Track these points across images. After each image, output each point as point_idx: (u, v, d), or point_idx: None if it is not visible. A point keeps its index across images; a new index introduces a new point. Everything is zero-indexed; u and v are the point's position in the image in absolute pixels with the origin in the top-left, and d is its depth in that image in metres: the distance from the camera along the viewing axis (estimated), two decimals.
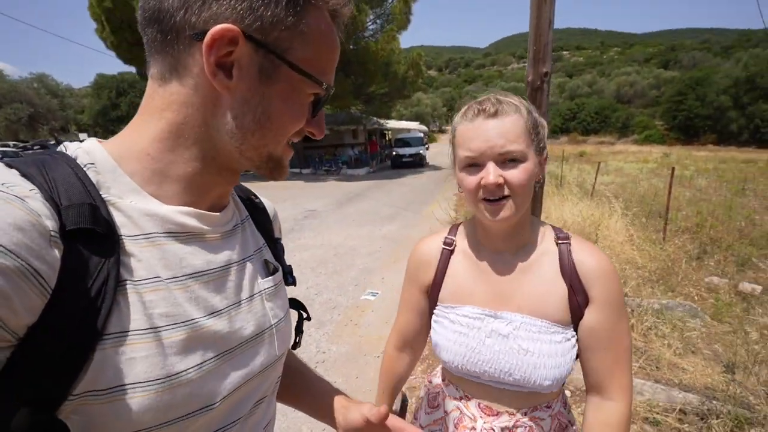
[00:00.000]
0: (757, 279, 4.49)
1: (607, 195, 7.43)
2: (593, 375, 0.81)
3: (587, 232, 5.51)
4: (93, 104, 38.95)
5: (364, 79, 16.72)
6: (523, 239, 0.86)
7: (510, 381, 0.81)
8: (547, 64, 3.04)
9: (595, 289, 0.79)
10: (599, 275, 0.79)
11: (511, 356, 0.80)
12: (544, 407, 0.86)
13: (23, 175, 0.39)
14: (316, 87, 0.48)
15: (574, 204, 7.09)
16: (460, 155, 0.79)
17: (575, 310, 0.79)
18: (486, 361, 0.82)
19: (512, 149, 0.74)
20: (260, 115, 0.47)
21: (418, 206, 9.64)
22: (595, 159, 18.05)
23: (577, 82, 67.78)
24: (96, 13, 13.68)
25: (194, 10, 0.42)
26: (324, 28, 0.48)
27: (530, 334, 0.80)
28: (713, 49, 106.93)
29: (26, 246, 0.33)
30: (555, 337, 0.79)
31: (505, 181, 0.74)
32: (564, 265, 0.81)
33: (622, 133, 49.43)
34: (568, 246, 0.83)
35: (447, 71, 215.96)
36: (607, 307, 0.79)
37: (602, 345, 0.79)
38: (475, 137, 0.76)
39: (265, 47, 0.44)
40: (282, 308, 0.62)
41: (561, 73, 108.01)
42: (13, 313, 0.33)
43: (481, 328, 0.83)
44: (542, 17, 2.96)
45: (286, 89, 0.47)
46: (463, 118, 0.80)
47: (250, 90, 0.45)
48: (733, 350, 2.98)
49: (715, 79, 43.41)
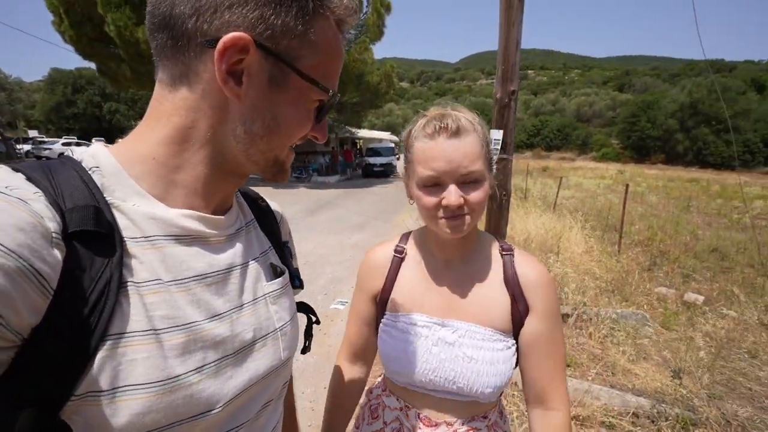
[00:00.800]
0: (700, 290, 4.86)
1: (569, 209, 7.81)
2: (535, 385, 0.84)
3: (550, 243, 5.76)
4: (46, 100, 36.59)
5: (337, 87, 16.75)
6: (471, 248, 0.89)
7: (453, 389, 0.82)
8: (515, 83, 3.19)
9: (535, 299, 0.83)
10: (539, 285, 0.83)
11: (456, 364, 0.81)
12: (481, 417, 0.87)
13: (28, 179, 0.39)
14: (322, 94, 0.50)
15: (537, 216, 7.40)
16: (421, 173, 0.77)
17: (516, 319, 0.83)
18: (432, 370, 0.82)
19: (473, 170, 0.75)
20: (269, 121, 0.48)
21: (389, 215, 9.70)
22: (557, 174, 18.92)
23: (541, 101, 71.17)
24: (53, 4, 12.90)
25: (206, 18, 0.42)
26: (330, 36, 0.49)
27: (475, 341, 0.82)
28: (662, 76, 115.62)
29: (28, 247, 0.33)
30: (497, 344, 0.82)
31: (465, 201, 0.76)
32: (507, 276, 0.84)
33: (581, 150, 52.25)
34: (511, 258, 0.87)
35: (418, 83, 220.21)
36: (546, 317, 0.83)
37: (542, 353, 0.83)
38: (438, 157, 0.75)
39: (275, 55, 0.45)
40: (288, 312, 0.61)
41: (526, 90, 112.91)
42: (16, 314, 0.33)
43: (428, 337, 0.84)
44: (510, 39, 3.12)
45: (294, 96, 0.48)
46: (421, 133, 0.78)
47: (259, 97, 0.46)
48: (679, 356, 3.20)
49: (663, 103, 47.00)
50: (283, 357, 0.58)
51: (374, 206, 11.18)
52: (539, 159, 43.68)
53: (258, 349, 0.54)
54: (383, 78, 18.23)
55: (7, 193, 0.35)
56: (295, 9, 0.44)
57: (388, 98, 21.22)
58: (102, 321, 0.38)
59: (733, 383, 2.98)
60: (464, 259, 0.89)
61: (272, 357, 0.56)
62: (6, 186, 0.36)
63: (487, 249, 0.90)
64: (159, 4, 0.44)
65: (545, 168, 26.83)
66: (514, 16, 3.09)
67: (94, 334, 0.38)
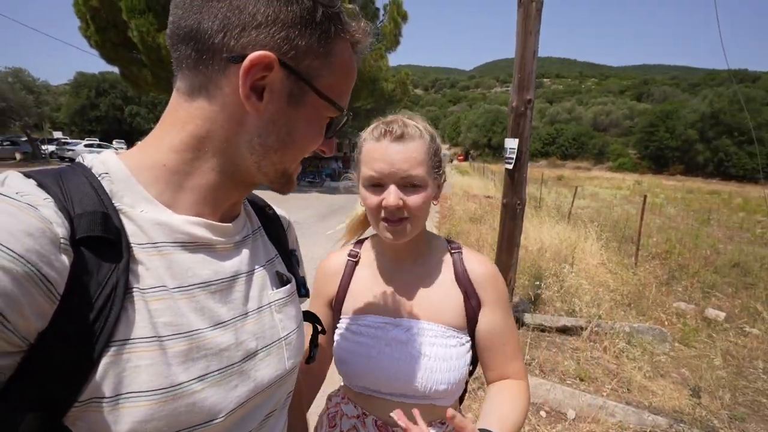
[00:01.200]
0: (721, 306, 4.70)
1: (583, 219, 7.68)
2: (496, 368, 0.88)
3: (564, 254, 5.66)
4: (71, 102, 37.82)
5: (351, 93, 16.89)
6: (421, 251, 0.92)
7: (407, 390, 0.83)
8: (531, 92, 3.17)
9: (486, 292, 0.86)
10: (488, 279, 0.87)
11: (409, 362, 0.82)
12: (439, 423, 0.86)
13: (39, 185, 0.40)
14: (336, 112, 0.51)
15: (552, 226, 7.29)
16: (365, 173, 0.81)
17: (470, 314, 0.86)
18: (385, 370, 0.83)
19: (414, 174, 0.78)
20: (284, 135, 0.49)
21: None
22: (573, 183, 18.66)
23: (557, 109, 70.45)
24: (81, 11, 13.40)
25: (234, 35, 0.43)
26: (347, 57, 0.51)
27: (427, 338, 0.83)
28: (681, 85, 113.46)
29: (36, 252, 0.34)
30: (450, 341, 0.84)
31: (404, 204, 0.78)
32: (458, 273, 0.88)
33: (597, 160, 51.46)
34: (460, 255, 0.90)
35: (433, 91, 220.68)
36: (498, 307, 0.87)
37: (500, 342, 0.87)
38: (380, 158, 0.78)
39: (297, 74, 0.46)
40: (294, 320, 0.61)
41: (542, 99, 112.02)
42: (23, 319, 0.33)
43: (381, 337, 0.85)
44: (527, 48, 3.11)
45: (310, 113, 0.50)
46: (369, 136, 0.82)
47: (278, 112, 0.47)
48: (699, 374, 3.09)
49: (683, 113, 46.02)
50: (288, 366, 0.58)
51: None
52: (554, 168, 43.20)
53: (262, 358, 0.54)
54: (398, 85, 18.32)
55: (17, 199, 0.36)
56: (319, 32, 0.46)
57: (401, 105, 21.29)
58: (107, 326, 0.38)
59: (756, 405, 2.86)
60: (415, 260, 0.91)
61: (276, 366, 0.56)
62: (16, 192, 0.37)
63: (437, 249, 0.93)
64: (185, 17, 0.44)
65: (560, 177, 26.50)
66: (531, 26, 3.08)
67: (99, 340, 0.38)
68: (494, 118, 61.95)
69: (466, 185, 18.29)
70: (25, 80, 24.88)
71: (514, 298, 3.84)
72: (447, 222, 9.20)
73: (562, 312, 4.09)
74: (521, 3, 3.09)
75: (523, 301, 4.26)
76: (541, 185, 12.87)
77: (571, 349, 3.49)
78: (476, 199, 13.15)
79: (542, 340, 3.56)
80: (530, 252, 5.77)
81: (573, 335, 3.71)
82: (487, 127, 61.91)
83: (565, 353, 3.39)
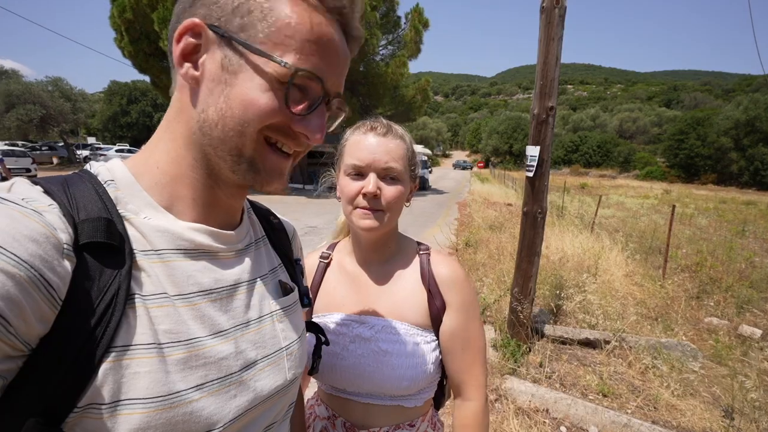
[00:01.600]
0: (757, 323, 4.46)
1: (608, 228, 7.45)
2: (454, 377, 0.89)
3: (587, 264, 5.51)
4: (104, 110, 39.64)
5: (372, 100, 17.03)
6: (391, 251, 0.94)
7: (371, 388, 0.84)
8: (553, 99, 3.12)
9: (450, 295, 0.88)
10: (453, 282, 0.88)
11: (372, 358, 0.84)
12: (407, 425, 0.88)
13: (46, 192, 0.40)
14: (278, 68, 0.43)
15: (574, 235, 7.10)
16: (347, 162, 0.84)
17: (435, 315, 0.87)
18: (349, 367, 0.84)
19: (393, 166, 0.82)
20: (222, 104, 0.44)
21: (419, 229, 9.65)
22: (597, 192, 18.17)
23: (580, 116, 68.95)
24: (116, 23, 14.10)
25: (181, 19, 0.45)
26: (294, 10, 0.44)
27: (390, 336, 0.85)
28: (714, 91, 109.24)
29: (40, 257, 0.34)
30: (414, 338, 0.85)
31: (381, 194, 0.82)
32: (423, 273, 0.90)
33: (623, 168, 49.94)
34: (428, 257, 0.92)
35: (453, 97, 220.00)
36: (461, 311, 0.88)
37: (459, 346, 0.87)
38: (364, 148, 0.82)
39: (226, 34, 0.43)
40: (295, 330, 0.60)
41: (565, 105, 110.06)
42: (26, 323, 0.33)
43: (345, 334, 0.87)
44: (550, 54, 3.06)
45: (247, 75, 0.44)
46: (356, 131, 0.87)
47: (213, 80, 0.44)
48: (732, 395, 2.93)
49: (716, 120, 44.17)
50: (289, 377, 0.57)
51: (405, 219, 11.04)
52: (577, 176, 42.18)
53: (262, 368, 0.53)
54: (418, 92, 18.36)
55: (23, 205, 0.36)
56: None
57: (422, 112, 21.28)
58: (108, 332, 0.38)
59: None
60: (383, 260, 0.93)
61: (277, 377, 0.55)
62: (22, 198, 0.37)
63: (405, 250, 0.95)
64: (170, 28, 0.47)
65: (583, 185, 25.86)
66: (554, 32, 3.04)
67: (99, 345, 0.38)
68: (515, 124, 61.20)
69: (486, 192, 18.08)
70: (64, 88, 26.22)
71: (534, 309, 3.76)
72: (465, 229, 9.11)
73: (585, 324, 3.97)
74: (544, 9, 3.05)
75: (543, 312, 4.16)
76: (563, 193, 12.57)
77: (593, 363, 3.37)
78: (496, 206, 12.97)
79: (563, 353, 3.46)
80: (551, 262, 5.64)
81: (596, 349, 3.59)
82: (509, 134, 61.21)
83: (587, 367, 3.28)
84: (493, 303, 4.05)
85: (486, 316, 3.98)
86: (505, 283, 4.61)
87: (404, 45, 16.76)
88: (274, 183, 0.49)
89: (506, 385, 2.92)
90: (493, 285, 4.71)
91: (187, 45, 0.44)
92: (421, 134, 66.14)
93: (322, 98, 0.48)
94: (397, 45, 17.43)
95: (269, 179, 0.49)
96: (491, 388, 2.95)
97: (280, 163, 0.49)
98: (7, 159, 15.47)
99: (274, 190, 0.50)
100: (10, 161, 15.60)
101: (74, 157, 26.66)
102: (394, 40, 17.44)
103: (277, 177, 0.49)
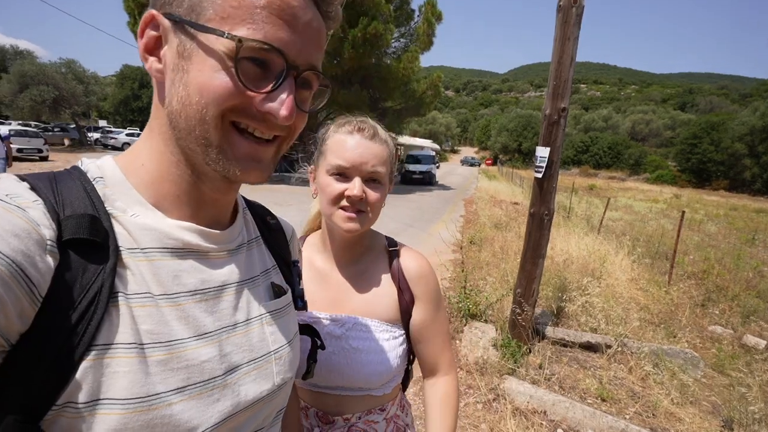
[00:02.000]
0: (762, 333, 4.41)
1: (615, 231, 7.38)
2: (428, 361, 0.94)
3: (592, 267, 5.47)
4: (116, 93, 39.82)
5: (382, 93, 16.92)
6: (362, 248, 0.95)
7: (342, 383, 0.87)
8: (566, 100, 3.08)
9: (418, 288, 0.91)
10: (421, 276, 0.92)
11: (342, 356, 0.86)
12: (378, 410, 0.91)
13: (32, 188, 0.40)
14: (229, 43, 0.40)
15: (580, 237, 7.05)
16: (332, 161, 0.83)
17: (404, 309, 0.91)
18: (320, 364, 0.84)
19: (379, 170, 0.84)
20: (182, 92, 0.42)
21: (424, 224, 9.64)
22: (605, 194, 18.00)
23: (592, 116, 68.00)
24: (130, 7, 14.15)
25: None
26: None
27: (360, 333, 0.87)
28: (731, 96, 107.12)
29: (22, 252, 0.34)
30: (383, 335, 0.88)
31: (366, 197, 0.83)
32: (393, 270, 0.92)
33: (633, 170, 49.30)
34: (397, 252, 0.94)
35: (464, 93, 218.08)
36: (430, 302, 0.92)
37: (431, 334, 0.93)
38: (351, 150, 0.82)
39: (178, 18, 0.42)
40: (285, 334, 0.58)
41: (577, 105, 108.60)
42: (6, 318, 0.33)
43: None
44: (565, 54, 3.02)
45: (200, 57, 0.41)
46: (341, 128, 0.86)
47: (174, 69, 0.43)
48: (732, 405, 2.91)
49: (731, 125, 43.30)
50: (277, 382, 0.55)
51: (410, 214, 11.16)
52: (586, 177, 41.78)
53: (248, 372, 0.51)
54: (429, 87, 18.20)
55: (6, 201, 0.36)
56: None
57: (432, 107, 21.12)
58: (89, 330, 0.38)
59: None
60: (354, 257, 0.95)
61: (263, 382, 0.53)
62: (6, 194, 0.37)
63: (375, 247, 0.97)
64: None
65: (592, 186, 25.61)
66: (570, 31, 2.99)
67: (80, 343, 0.37)
68: (526, 122, 60.55)
69: (493, 190, 17.98)
70: (77, 71, 26.34)
71: (536, 310, 3.75)
72: (471, 227, 9.08)
73: (586, 327, 3.95)
74: (561, 8, 3.00)
75: (545, 313, 4.15)
76: (571, 194, 12.47)
77: (593, 367, 3.37)
78: (502, 204, 12.91)
79: (563, 356, 3.46)
80: (555, 263, 5.61)
81: (596, 352, 3.58)
82: (518, 131, 60.60)
83: (587, 371, 3.27)
84: (495, 302, 4.04)
85: (487, 315, 3.98)
86: (508, 282, 4.59)
87: (417, 38, 16.59)
88: (252, 171, 0.46)
89: (505, 385, 2.93)
90: (496, 284, 4.70)
91: (149, 39, 0.44)
92: (430, 129, 65.69)
93: (285, 72, 0.43)
94: (409, 38, 17.26)
95: (245, 168, 0.45)
96: (489, 387, 2.96)
97: (254, 150, 0.46)
98: (20, 139, 15.64)
99: (254, 179, 0.47)
100: (23, 141, 15.78)
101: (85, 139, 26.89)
102: (406, 33, 17.27)
103: (253, 165, 0.46)
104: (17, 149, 14.68)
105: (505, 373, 3.11)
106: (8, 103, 23.91)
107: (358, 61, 14.52)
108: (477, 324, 3.81)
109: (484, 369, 3.18)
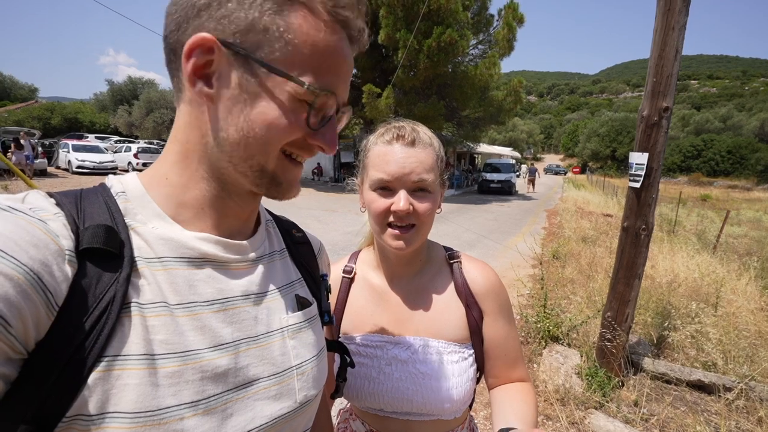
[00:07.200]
0: None
1: (737, 251, 6.24)
2: (499, 377, 0.87)
3: (705, 292, 4.66)
4: None
5: (459, 102, 16.64)
6: (420, 262, 0.89)
7: (411, 409, 0.81)
8: (669, 98, 2.69)
9: (487, 303, 0.85)
10: (490, 290, 0.86)
11: (411, 382, 0.80)
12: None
13: (57, 204, 0.42)
14: (299, 89, 0.44)
15: (689, 256, 6.09)
16: (373, 176, 0.78)
17: (473, 326, 0.84)
18: (387, 391, 0.80)
19: (425, 178, 0.77)
20: (243, 123, 0.44)
21: (501, 236, 9.17)
22: (723, 205, 15.43)
23: (706, 116, 59.06)
24: None
25: (184, 29, 0.44)
26: (308, 27, 0.44)
27: (428, 356, 0.81)
28: None
29: (40, 262, 0.35)
30: (452, 357, 0.82)
31: (414, 210, 0.76)
32: (458, 284, 0.86)
33: (762, 178, 41.56)
34: (459, 265, 0.88)
35: (548, 97, 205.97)
36: (500, 317, 0.86)
37: (503, 351, 0.86)
38: (392, 161, 0.76)
39: (242, 52, 0.43)
40: (310, 349, 0.56)
41: (686, 104, 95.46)
42: (24, 326, 0.34)
43: (380, 357, 0.83)
44: (667, 45, 2.64)
45: (268, 95, 0.44)
46: (379, 139, 0.80)
47: (231, 99, 0.44)
48: None
49: None
50: (299, 399, 0.52)
51: (487, 225, 10.72)
52: (697, 186, 36.32)
53: (267, 387, 0.49)
54: (510, 94, 17.41)
55: (29, 214, 0.37)
56: (261, 3, 0.42)
57: (512, 114, 20.18)
58: (100, 340, 0.38)
59: None
60: (413, 272, 0.89)
61: (284, 399, 0.50)
62: (30, 208, 0.39)
63: (434, 259, 0.90)
64: (164, 29, 0.47)
65: (705, 197, 22.17)
66: (674, 20, 2.62)
67: (91, 354, 0.37)
68: (621, 126, 54.88)
69: (581, 200, 16.49)
70: None
71: (631, 338, 3.28)
72: (554, 240, 8.40)
73: (697, 363, 3.35)
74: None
75: (642, 343, 3.62)
76: (677, 205, 10.88)
77: (707, 412, 2.83)
78: (592, 216, 11.75)
79: (667, 394, 2.96)
80: (657, 284, 4.89)
81: (711, 395, 3.01)
82: (612, 136, 55.16)
83: (698, 416, 2.76)
84: (580, 325, 3.64)
85: (570, 339, 3.60)
86: (596, 303, 4.12)
87: (495, 43, 16.08)
88: (293, 191, 0.52)
89: (591, 420, 2.59)
90: (582, 304, 4.24)
91: (201, 62, 0.43)
92: (510, 136, 62.91)
93: (336, 111, 0.49)
94: (488, 44, 16.80)
95: (289, 189, 0.51)
96: (571, 420, 2.64)
97: (297, 173, 0.51)
98: (144, 155, 18.46)
99: (293, 196, 0.52)
100: (147, 156, 18.57)
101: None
102: (484, 39, 16.84)
103: (295, 185, 0.52)
104: (142, 164, 17.46)
105: (591, 407, 2.76)
106: (138, 125, 28.63)
107: (432, 70, 14.50)
108: (558, 347, 3.46)
109: (566, 399, 2.86)
